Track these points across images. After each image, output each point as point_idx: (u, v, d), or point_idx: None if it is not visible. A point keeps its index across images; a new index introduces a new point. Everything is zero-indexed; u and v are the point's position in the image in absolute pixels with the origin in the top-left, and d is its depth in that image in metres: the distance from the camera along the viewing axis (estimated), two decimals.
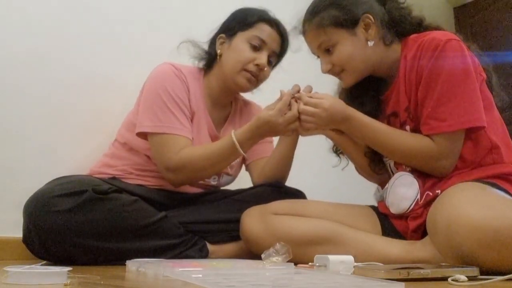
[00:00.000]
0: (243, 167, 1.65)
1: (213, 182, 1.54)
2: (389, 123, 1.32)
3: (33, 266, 0.82)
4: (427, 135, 1.21)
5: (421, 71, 1.20)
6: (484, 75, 1.24)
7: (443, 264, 1.00)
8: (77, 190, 1.19)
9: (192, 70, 1.52)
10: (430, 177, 1.24)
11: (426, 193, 1.21)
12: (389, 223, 1.29)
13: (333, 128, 1.32)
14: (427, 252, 1.14)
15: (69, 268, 0.80)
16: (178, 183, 1.41)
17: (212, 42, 1.53)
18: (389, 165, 1.37)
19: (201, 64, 1.54)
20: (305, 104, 1.24)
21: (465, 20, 3.50)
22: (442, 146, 1.18)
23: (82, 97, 1.65)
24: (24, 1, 1.57)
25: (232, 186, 1.60)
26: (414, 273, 0.85)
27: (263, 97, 1.56)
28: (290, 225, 1.25)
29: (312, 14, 1.28)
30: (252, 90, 1.53)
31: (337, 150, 1.48)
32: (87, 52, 1.68)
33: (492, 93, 1.27)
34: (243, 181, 1.63)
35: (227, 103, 1.59)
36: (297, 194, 1.51)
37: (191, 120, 1.45)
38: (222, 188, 1.62)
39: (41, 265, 0.92)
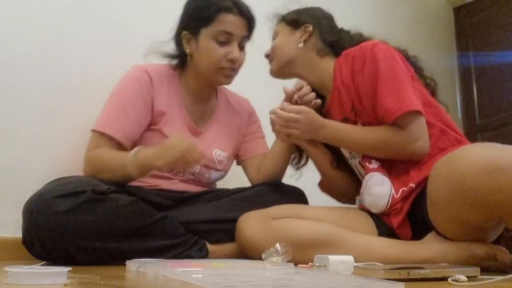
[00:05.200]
0: (235, 162, 1.65)
1: (203, 179, 1.54)
2: None
3: (33, 266, 0.82)
4: (393, 124, 1.27)
5: (359, 74, 1.32)
6: (413, 72, 1.36)
7: (443, 264, 1.01)
8: (76, 190, 1.18)
9: (164, 69, 1.51)
10: (400, 174, 1.29)
11: (401, 189, 1.26)
12: (384, 224, 1.30)
13: (309, 141, 1.42)
14: (428, 252, 1.15)
15: (69, 268, 0.80)
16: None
17: (178, 41, 1.50)
18: (355, 166, 1.43)
19: (174, 64, 1.53)
20: (290, 111, 1.31)
21: (465, 20, 3.50)
22: (409, 127, 1.26)
23: (82, 97, 1.65)
24: (24, 1, 1.57)
25: (232, 186, 1.59)
26: (414, 273, 0.85)
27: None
28: (291, 228, 1.25)
29: (288, 13, 1.53)
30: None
31: (296, 164, 1.57)
32: (87, 53, 1.68)
33: (437, 99, 1.40)
34: (243, 181, 1.63)
35: (209, 96, 1.58)
36: (297, 193, 1.51)
37: (159, 120, 1.44)
38: (221, 188, 1.62)
39: (41, 265, 0.92)
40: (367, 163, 1.34)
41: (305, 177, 1.57)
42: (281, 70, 1.49)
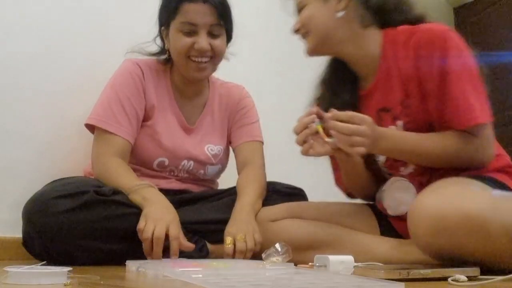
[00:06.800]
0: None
1: (199, 175, 1.53)
2: (378, 119, 1.22)
3: (33, 266, 0.82)
4: (462, 131, 1.12)
5: (426, 66, 1.12)
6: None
7: (443, 264, 1.00)
8: (78, 191, 1.18)
9: (153, 64, 1.50)
10: (428, 182, 1.20)
11: None
12: (387, 222, 1.29)
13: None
14: None
15: (69, 268, 0.80)
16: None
17: (160, 37, 1.50)
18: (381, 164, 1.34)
19: (162, 59, 1.52)
20: (350, 119, 1.05)
21: (465, 20, 3.50)
22: (483, 136, 1.12)
23: (82, 97, 1.64)
24: (22, 1, 1.57)
25: (232, 185, 1.59)
26: (414, 273, 0.85)
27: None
28: (291, 230, 1.24)
29: None
30: (213, 71, 1.49)
31: None
32: (87, 53, 1.68)
33: None
34: None
35: (198, 91, 1.56)
36: (296, 191, 1.51)
37: (151, 115, 1.45)
38: (220, 187, 1.62)
39: (41, 265, 0.92)
40: (400, 167, 1.25)
41: (306, 178, 1.57)
42: (319, 47, 1.25)
